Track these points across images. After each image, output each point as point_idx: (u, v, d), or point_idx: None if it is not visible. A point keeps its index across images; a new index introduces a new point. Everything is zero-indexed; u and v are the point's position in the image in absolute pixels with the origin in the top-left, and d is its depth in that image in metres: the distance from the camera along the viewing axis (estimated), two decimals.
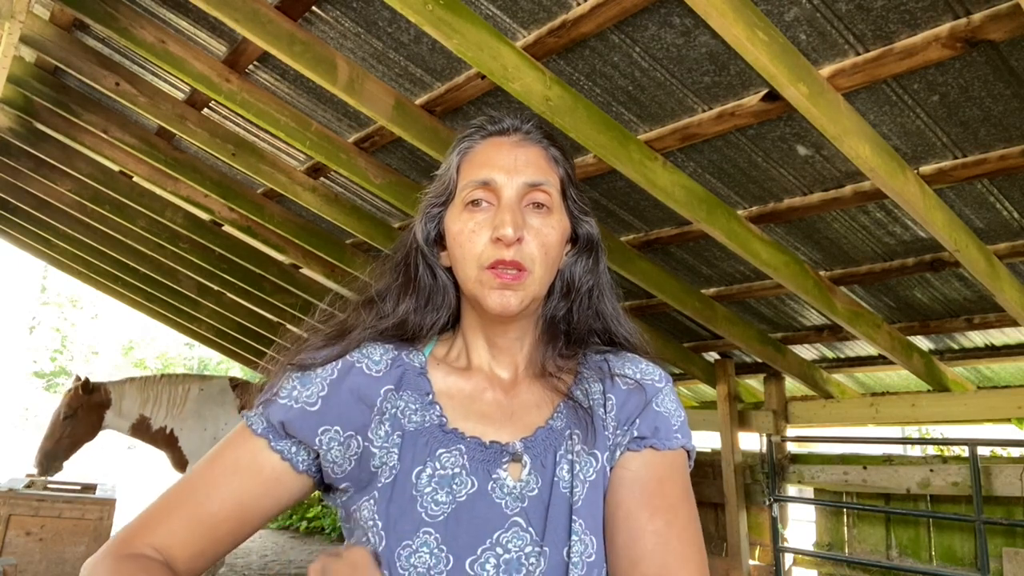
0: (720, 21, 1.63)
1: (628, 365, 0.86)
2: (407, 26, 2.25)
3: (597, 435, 0.80)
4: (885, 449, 4.19)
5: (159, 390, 5.49)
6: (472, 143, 0.87)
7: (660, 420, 0.81)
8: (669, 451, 0.79)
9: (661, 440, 0.79)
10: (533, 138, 0.87)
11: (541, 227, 0.82)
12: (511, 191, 0.82)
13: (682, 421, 0.83)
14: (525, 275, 0.80)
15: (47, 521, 4.49)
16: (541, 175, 0.84)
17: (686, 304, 3.36)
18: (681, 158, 2.51)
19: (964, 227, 2.41)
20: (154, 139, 3.72)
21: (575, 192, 0.89)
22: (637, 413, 0.81)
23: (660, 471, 0.78)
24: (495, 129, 0.87)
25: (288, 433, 0.80)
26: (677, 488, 0.78)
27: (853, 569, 3.85)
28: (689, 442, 0.82)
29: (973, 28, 1.68)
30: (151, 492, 12.72)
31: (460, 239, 0.82)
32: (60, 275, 9.42)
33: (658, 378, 0.85)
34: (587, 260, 0.90)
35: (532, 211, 0.82)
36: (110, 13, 2.54)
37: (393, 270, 0.90)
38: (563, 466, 0.79)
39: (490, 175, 0.82)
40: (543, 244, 0.82)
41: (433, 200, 0.88)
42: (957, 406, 3.55)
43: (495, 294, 0.79)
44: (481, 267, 0.80)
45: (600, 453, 0.80)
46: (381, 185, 3.12)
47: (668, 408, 0.82)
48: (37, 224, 5.71)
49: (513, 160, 0.83)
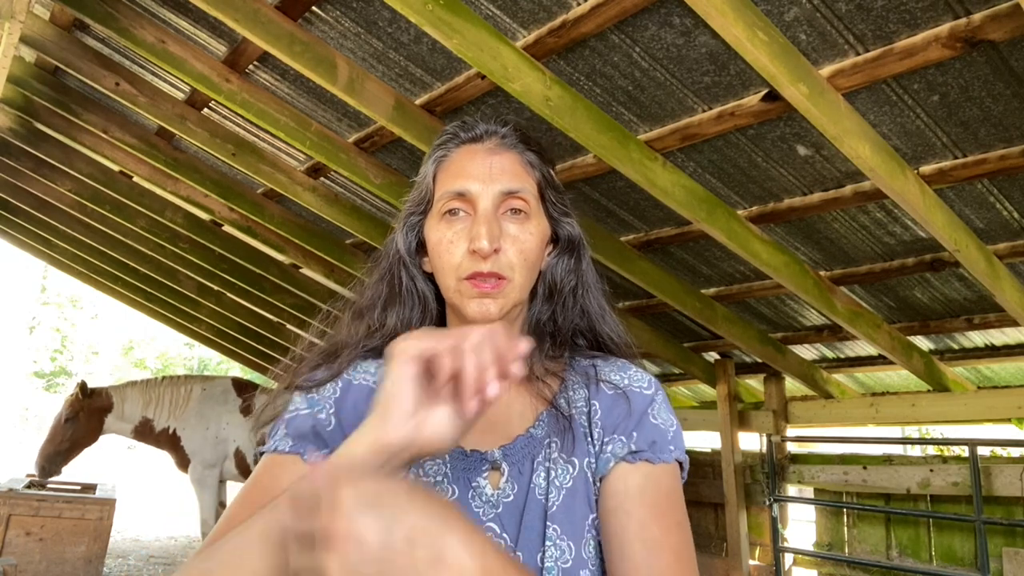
0: (720, 21, 1.63)
1: (616, 371, 0.85)
2: (407, 26, 2.25)
3: (576, 443, 0.80)
4: (885, 449, 4.19)
5: (161, 392, 5.50)
6: (447, 151, 0.86)
7: (657, 433, 0.80)
8: (663, 463, 0.78)
9: (656, 454, 0.78)
10: (508, 143, 0.86)
11: (519, 234, 0.81)
12: (487, 201, 0.81)
13: (675, 432, 0.81)
14: (504, 283, 0.79)
15: (47, 521, 4.49)
16: (517, 182, 0.83)
17: (686, 304, 3.36)
18: (681, 158, 2.51)
19: (964, 227, 2.41)
20: (154, 139, 3.72)
21: (554, 194, 0.88)
22: (628, 422, 0.80)
23: (653, 483, 0.77)
24: (468, 136, 0.86)
25: (314, 438, 0.79)
26: (670, 501, 0.77)
27: (853, 569, 3.85)
28: (682, 454, 0.81)
29: (973, 28, 1.68)
30: (151, 492, 12.68)
31: (439, 249, 0.82)
32: (60, 275, 9.43)
33: (647, 385, 0.84)
34: (569, 260, 0.89)
35: (509, 218, 0.82)
36: (110, 13, 2.54)
37: (378, 282, 0.90)
38: (540, 473, 0.78)
39: (465, 185, 0.81)
40: (521, 251, 0.81)
41: (412, 209, 0.87)
42: (957, 406, 3.55)
43: (474, 303, 0.79)
44: (459, 278, 0.80)
45: (579, 460, 0.79)
46: (381, 185, 3.12)
47: (663, 420, 0.81)
48: (37, 224, 5.71)
49: (488, 168, 0.82)
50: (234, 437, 5.55)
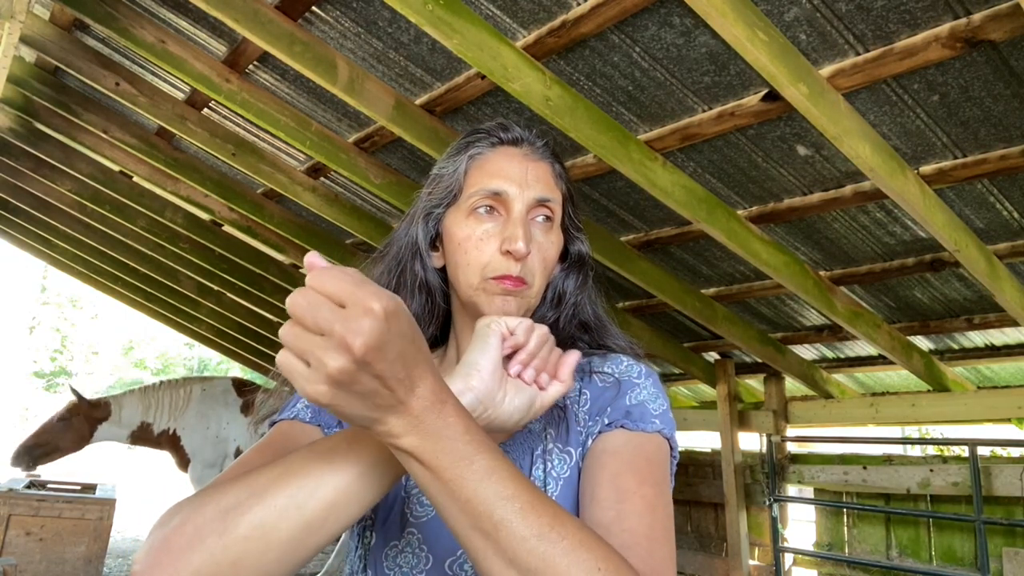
0: (720, 21, 1.63)
1: (609, 364, 0.86)
2: (407, 26, 2.25)
3: (570, 432, 0.81)
4: (885, 449, 4.19)
5: (160, 396, 5.52)
6: (482, 149, 0.87)
7: (633, 407, 0.79)
8: (642, 432, 0.76)
9: (634, 422, 0.77)
10: (541, 153, 0.88)
11: (544, 242, 0.84)
12: (521, 205, 0.82)
13: (662, 411, 0.80)
14: (525, 288, 0.81)
15: (47, 521, 4.49)
16: (549, 191, 0.85)
17: (686, 304, 3.36)
18: (681, 158, 2.51)
19: (964, 227, 2.41)
20: (154, 139, 3.72)
21: (572, 210, 0.91)
22: (613, 403, 0.80)
23: (633, 446, 0.75)
24: (508, 138, 0.88)
25: (318, 412, 0.83)
26: (650, 464, 0.74)
27: (853, 569, 3.85)
28: (668, 431, 0.78)
29: (973, 28, 1.68)
30: (151, 492, 12.69)
31: (466, 245, 0.82)
32: (60, 275, 9.42)
33: (636, 374, 0.84)
34: (577, 276, 0.92)
35: (537, 225, 0.84)
36: (110, 13, 2.54)
37: (384, 273, 0.90)
38: (538, 465, 0.79)
39: (502, 186, 0.83)
40: (544, 259, 0.83)
41: (436, 201, 0.87)
42: (957, 406, 3.55)
43: (498, 299, 0.80)
44: (485, 277, 0.81)
45: (574, 450, 0.80)
46: (381, 185, 3.12)
47: (644, 397, 0.80)
48: (37, 224, 5.71)
49: (524, 173, 0.84)
50: (234, 436, 5.56)
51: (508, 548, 0.55)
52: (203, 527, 0.58)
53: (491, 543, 0.55)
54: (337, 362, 0.49)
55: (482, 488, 0.55)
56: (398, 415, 0.54)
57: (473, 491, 0.55)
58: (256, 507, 0.58)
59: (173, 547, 0.58)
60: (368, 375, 0.51)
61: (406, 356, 0.53)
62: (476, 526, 0.56)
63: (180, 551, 0.57)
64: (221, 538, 0.57)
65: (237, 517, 0.58)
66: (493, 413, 0.65)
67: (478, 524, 0.55)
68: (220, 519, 0.58)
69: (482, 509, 0.55)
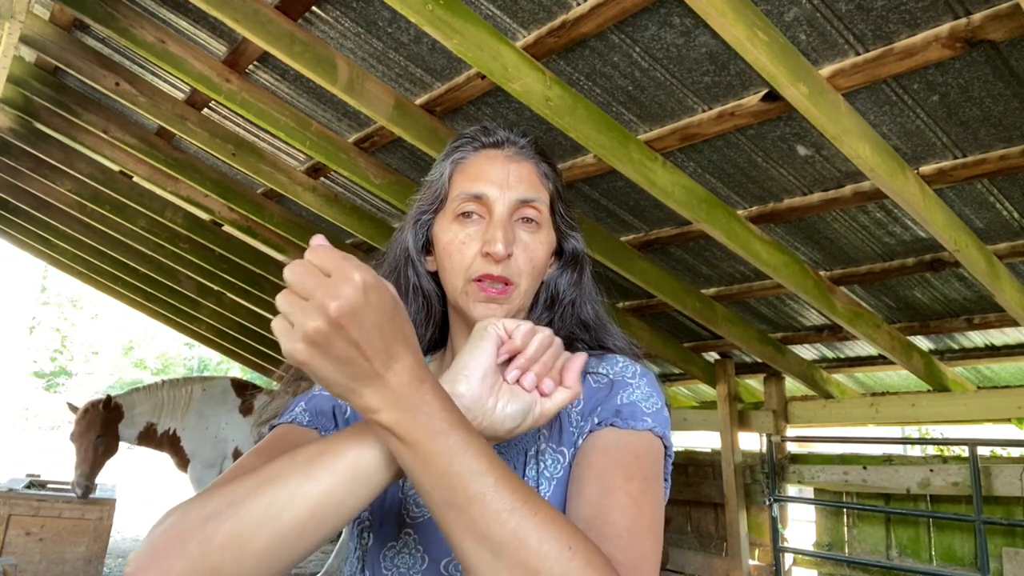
0: (720, 21, 1.63)
1: (605, 364, 0.86)
2: (407, 26, 2.25)
3: (563, 432, 0.81)
4: (885, 449, 4.19)
5: (163, 395, 5.51)
6: (465, 153, 0.88)
7: (624, 406, 0.78)
8: (633, 430, 0.76)
9: (624, 420, 0.76)
10: (526, 153, 0.88)
11: (529, 242, 0.84)
12: (503, 206, 0.83)
13: (656, 409, 0.79)
14: (511, 289, 0.82)
15: (47, 521, 4.49)
16: (532, 191, 0.85)
17: (686, 304, 3.36)
18: (681, 158, 2.51)
19: (964, 227, 2.41)
20: (154, 139, 3.72)
21: (563, 207, 0.90)
22: (604, 402, 0.80)
23: (623, 444, 0.75)
24: (489, 141, 0.88)
25: (331, 418, 0.84)
26: (640, 462, 0.73)
27: (853, 569, 3.85)
28: (661, 430, 0.78)
29: (973, 28, 1.68)
30: (151, 492, 12.67)
31: (450, 249, 0.83)
32: (60, 275, 9.43)
33: (631, 374, 0.83)
34: (571, 274, 0.91)
35: (522, 226, 0.84)
36: (110, 13, 2.54)
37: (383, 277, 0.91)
38: (532, 465, 0.79)
39: (483, 189, 0.83)
40: (530, 259, 0.83)
41: (424, 207, 0.89)
42: (957, 406, 3.55)
43: (481, 306, 0.81)
44: (468, 279, 0.81)
45: (567, 450, 0.80)
46: (381, 185, 3.12)
47: (636, 396, 0.80)
48: (37, 224, 5.71)
49: (506, 175, 0.84)
50: (233, 437, 5.56)
51: (481, 521, 0.56)
52: (186, 533, 0.59)
53: (464, 517, 0.56)
54: (314, 322, 0.52)
55: (456, 462, 0.56)
56: (375, 388, 0.55)
57: (448, 465, 0.56)
58: (232, 517, 0.59)
59: (160, 551, 0.59)
60: (343, 340, 0.53)
61: (383, 329, 0.55)
62: (450, 501, 0.56)
63: (165, 555, 0.58)
64: (201, 546, 0.58)
65: (216, 526, 0.59)
66: (483, 421, 0.64)
67: (452, 498, 0.56)
68: (201, 527, 0.59)
69: (456, 483, 0.56)
